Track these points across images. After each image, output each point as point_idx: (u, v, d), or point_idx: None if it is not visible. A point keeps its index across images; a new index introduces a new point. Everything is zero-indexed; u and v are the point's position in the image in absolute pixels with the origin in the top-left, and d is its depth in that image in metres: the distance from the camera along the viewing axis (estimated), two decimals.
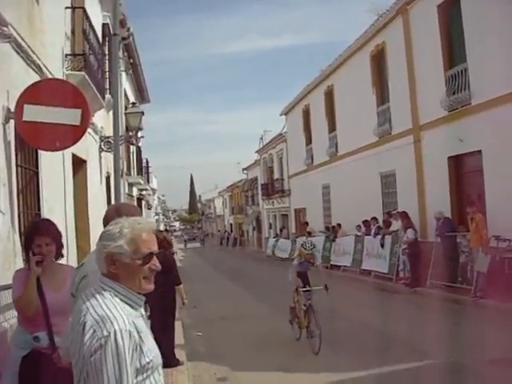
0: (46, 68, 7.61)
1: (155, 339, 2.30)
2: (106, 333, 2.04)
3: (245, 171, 54.15)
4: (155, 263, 2.30)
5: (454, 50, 15.84)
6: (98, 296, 2.18)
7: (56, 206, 8.04)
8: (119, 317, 2.10)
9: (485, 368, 7.54)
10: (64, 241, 8.26)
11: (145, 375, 2.14)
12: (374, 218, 19.55)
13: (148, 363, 2.16)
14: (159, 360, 2.26)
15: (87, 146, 10.65)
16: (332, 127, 26.17)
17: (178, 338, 10.12)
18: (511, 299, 11.38)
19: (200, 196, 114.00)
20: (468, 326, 10.84)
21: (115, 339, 2.03)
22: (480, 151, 14.36)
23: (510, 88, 12.82)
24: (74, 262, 8.66)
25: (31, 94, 6.00)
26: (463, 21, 14.83)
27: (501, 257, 12.68)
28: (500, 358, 7.83)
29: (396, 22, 18.81)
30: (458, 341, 9.71)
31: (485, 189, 14.24)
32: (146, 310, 2.27)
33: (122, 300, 2.20)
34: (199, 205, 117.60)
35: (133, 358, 2.07)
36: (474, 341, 9.53)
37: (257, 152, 46.26)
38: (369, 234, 19.45)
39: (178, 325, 11.13)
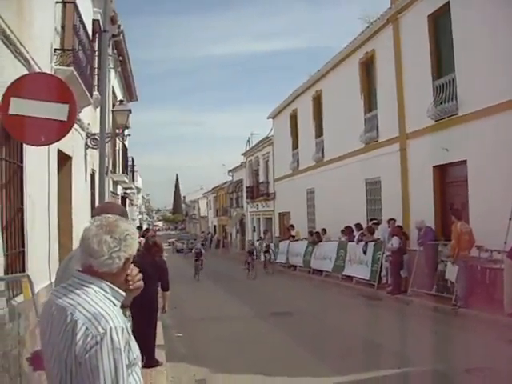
0: (35, 62, 7.53)
1: (135, 338, 2.29)
2: (101, 330, 2.05)
3: (230, 173, 54.09)
4: None
5: (442, 60, 15.96)
6: (80, 293, 2.17)
7: (39, 201, 7.96)
8: (112, 314, 2.12)
9: (463, 376, 7.57)
10: (46, 236, 8.24)
11: (130, 370, 2.15)
12: (358, 225, 19.59)
13: (135, 358, 2.19)
14: (140, 355, 2.28)
15: (73, 142, 10.56)
16: (319, 132, 26.21)
17: (158, 338, 10.05)
18: (491, 309, 11.49)
19: (184, 197, 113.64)
20: (447, 334, 10.89)
21: (111, 336, 2.05)
22: (465, 161, 14.46)
23: (497, 99, 12.94)
24: (55, 258, 8.60)
25: (18, 88, 5.92)
26: (453, 31, 14.94)
27: (482, 267, 12.78)
28: (478, 367, 7.88)
29: (386, 31, 18.92)
30: (437, 349, 9.76)
31: (469, 199, 14.34)
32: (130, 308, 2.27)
33: (104, 296, 2.20)
34: (183, 205, 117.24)
35: (125, 354, 2.10)
36: (453, 349, 9.61)
37: (243, 154, 46.24)
38: (352, 240, 19.49)
39: (158, 325, 11.10)
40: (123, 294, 2.30)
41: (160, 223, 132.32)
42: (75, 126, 9.87)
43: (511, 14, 11.43)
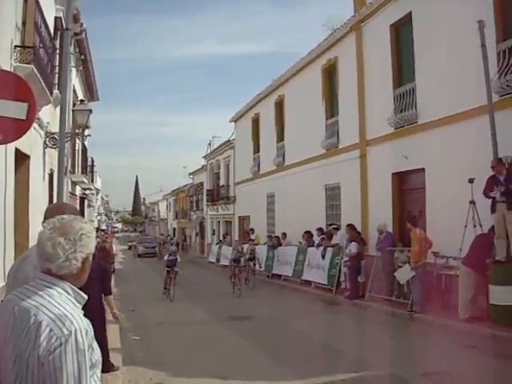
0: None
1: None
2: (66, 331, 2.03)
3: (191, 176, 53.87)
4: None
5: (403, 69, 16.22)
6: (44, 294, 2.14)
7: None
8: (76, 315, 2.11)
9: (419, 380, 7.69)
10: (1, 235, 8.05)
11: (92, 372, 2.13)
12: (320, 229, 19.71)
13: (97, 360, 2.18)
14: (101, 358, 2.26)
15: (31, 141, 10.38)
16: (280, 137, 26.31)
17: (115, 341, 9.94)
18: (447, 314, 11.70)
19: (144, 198, 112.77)
20: (404, 339, 11.05)
21: (75, 337, 2.03)
22: (423, 169, 14.72)
23: (455, 109, 13.22)
24: (10, 257, 8.42)
25: None
26: (414, 41, 15.22)
27: (438, 273, 13.01)
28: (433, 371, 8.01)
29: (349, 38, 19.12)
30: (393, 353, 9.89)
31: (426, 206, 14.59)
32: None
33: (67, 298, 2.18)
34: (143, 207, 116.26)
35: (89, 356, 2.08)
36: (410, 354, 9.76)
37: (204, 157, 46.12)
38: (312, 245, 19.61)
39: (115, 328, 10.96)
40: (85, 296, 2.28)
41: (119, 225, 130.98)
42: (34, 124, 9.70)
43: (471, 27, 11.67)
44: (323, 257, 18.10)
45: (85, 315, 2.20)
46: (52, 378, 2.00)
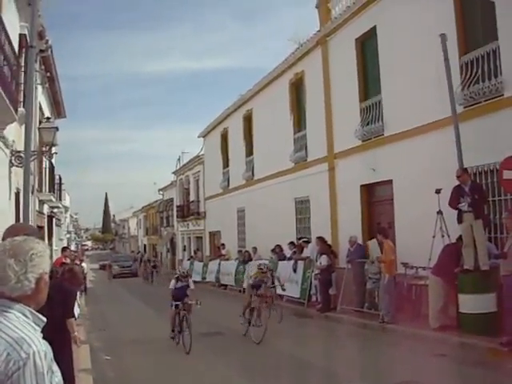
0: None
1: None
2: (24, 355, 1.99)
3: (161, 192, 53.61)
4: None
5: (369, 82, 16.44)
6: (1, 319, 2.10)
7: None
8: (34, 338, 2.07)
9: None
10: None
11: None
12: (292, 243, 19.72)
13: (57, 383, 2.14)
14: (62, 381, 2.23)
15: None
16: (249, 151, 26.38)
17: (85, 362, 9.80)
18: (418, 324, 11.79)
19: (114, 215, 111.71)
20: (376, 350, 11.08)
21: (34, 360, 2.00)
22: (391, 181, 14.88)
23: (419, 122, 13.43)
24: None
25: None
26: (379, 55, 15.44)
27: (408, 283, 13.11)
28: (405, 381, 8.05)
29: (315, 52, 19.31)
30: (365, 365, 9.93)
31: (395, 218, 14.74)
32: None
33: (25, 321, 2.14)
34: (113, 224, 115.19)
35: (48, 379, 2.04)
36: (381, 364, 9.79)
37: (174, 173, 45.95)
38: (282, 259, 19.61)
39: (84, 348, 10.78)
40: (44, 319, 2.24)
41: (89, 242, 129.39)
42: None
43: (434, 40, 11.89)
44: (295, 270, 18.09)
45: (48, 336, 2.16)
46: None
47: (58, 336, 7.53)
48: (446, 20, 12.54)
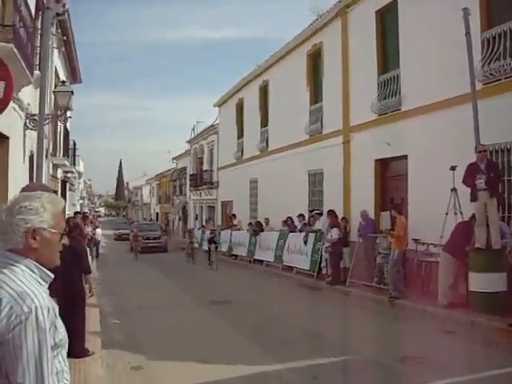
0: None
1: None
2: (26, 309, 1.99)
3: (174, 160, 53.67)
4: (64, 239, 2.31)
5: (388, 55, 16.22)
6: (6, 271, 2.10)
7: None
8: (38, 293, 2.06)
9: (398, 365, 7.75)
10: None
11: (56, 352, 2.09)
12: (301, 215, 19.74)
13: (61, 340, 2.13)
14: (66, 337, 2.22)
15: (10, 122, 10.21)
16: (264, 122, 26.25)
17: (95, 325, 9.93)
18: (427, 301, 11.80)
19: (127, 183, 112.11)
20: (384, 324, 11.13)
21: (36, 315, 1.99)
22: (406, 156, 14.77)
23: (437, 97, 13.24)
24: None
25: None
26: (399, 28, 15.19)
27: (418, 260, 13.10)
28: (412, 356, 8.09)
29: (334, 24, 19.04)
30: (373, 338, 9.98)
31: (408, 193, 14.66)
32: (52, 297, 2.18)
33: (31, 276, 2.13)
34: (126, 192, 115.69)
35: (51, 335, 2.04)
36: (389, 339, 9.84)
37: (188, 142, 45.93)
38: (293, 231, 19.65)
39: (95, 312, 10.94)
40: (51, 275, 2.23)
41: (102, 209, 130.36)
42: (14, 105, 9.56)
43: (456, 14, 11.66)
44: (305, 242, 18.13)
45: (63, 293, 2.16)
46: (12, 357, 1.96)
47: (72, 293, 7.71)
48: None
